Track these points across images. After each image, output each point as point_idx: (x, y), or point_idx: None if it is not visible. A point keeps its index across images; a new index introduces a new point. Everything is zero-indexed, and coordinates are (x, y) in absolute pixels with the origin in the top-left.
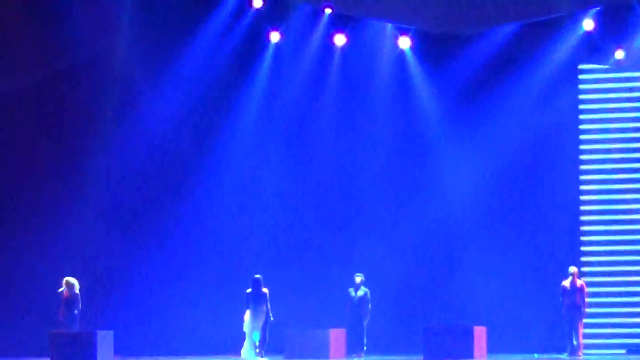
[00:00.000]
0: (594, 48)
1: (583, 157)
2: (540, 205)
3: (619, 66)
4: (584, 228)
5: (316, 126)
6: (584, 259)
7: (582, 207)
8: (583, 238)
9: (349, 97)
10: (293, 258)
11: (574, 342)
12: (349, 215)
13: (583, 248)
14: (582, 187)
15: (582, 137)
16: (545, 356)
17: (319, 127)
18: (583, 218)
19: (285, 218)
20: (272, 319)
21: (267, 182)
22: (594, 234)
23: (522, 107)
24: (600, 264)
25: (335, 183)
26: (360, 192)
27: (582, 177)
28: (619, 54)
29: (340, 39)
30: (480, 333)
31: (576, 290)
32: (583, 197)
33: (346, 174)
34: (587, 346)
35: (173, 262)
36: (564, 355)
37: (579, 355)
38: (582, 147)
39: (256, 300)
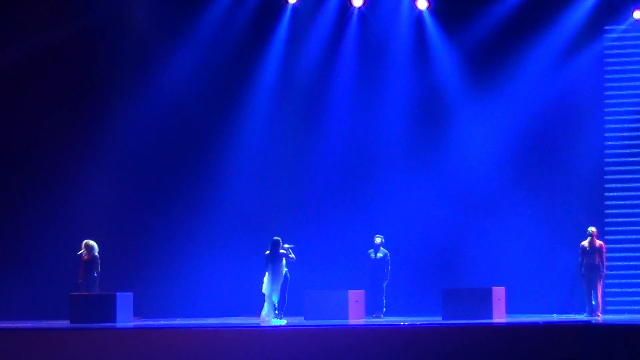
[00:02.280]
0: (613, 8)
1: (608, 117)
2: (561, 165)
3: (636, 26)
4: (608, 186)
5: (333, 88)
6: (607, 219)
7: (606, 168)
8: (607, 199)
9: (366, 58)
10: (312, 220)
11: (593, 302)
12: (367, 177)
13: (607, 210)
14: (607, 145)
15: (607, 93)
16: (564, 316)
17: (337, 88)
18: (607, 177)
19: (303, 180)
20: (292, 256)
21: (284, 144)
22: (618, 191)
23: (543, 66)
24: (623, 224)
25: (354, 145)
26: (378, 153)
27: (607, 134)
28: (637, 14)
29: (358, 0)
30: (498, 294)
31: (595, 250)
32: (607, 159)
33: (364, 136)
34: (607, 305)
35: (192, 224)
36: (583, 316)
37: (598, 316)
38: (607, 109)
39: (274, 261)
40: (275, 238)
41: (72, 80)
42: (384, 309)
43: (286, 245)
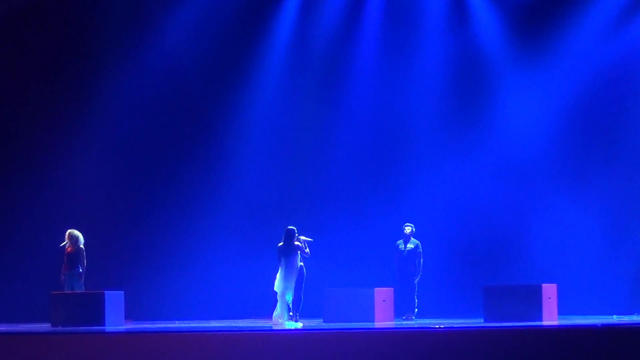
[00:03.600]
0: None
1: None
2: (620, 149)
3: None
4: None
5: (356, 55)
6: None
7: None
8: None
9: (394, 21)
10: (331, 208)
11: None
12: (396, 158)
13: None
14: None
15: None
16: (626, 318)
17: (360, 56)
18: None
19: (321, 162)
20: (307, 251)
21: (299, 121)
22: None
23: (599, 28)
24: None
25: (380, 121)
26: (409, 130)
27: None
28: None
29: None
30: (550, 292)
31: None
32: None
33: (392, 111)
34: None
35: (193, 213)
36: None
37: None
38: None
39: (288, 255)
40: (289, 227)
41: (54, 45)
42: (416, 310)
43: (302, 238)
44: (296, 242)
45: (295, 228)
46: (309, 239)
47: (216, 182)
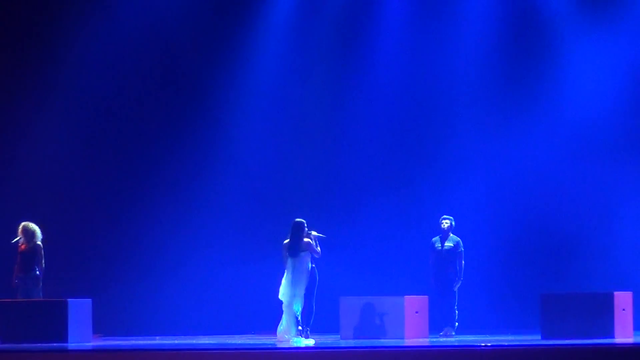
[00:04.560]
0: None
1: None
2: None
3: None
4: None
5: (383, 19)
6: None
7: None
8: None
9: None
10: (348, 199)
11: None
12: (427, 139)
13: None
14: None
15: None
16: None
17: (387, 19)
18: None
19: (337, 146)
20: (318, 250)
21: (307, 99)
22: None
23: None
24: None
25: (409, 95)
26: (445, 106)
27: None
28: None
29: None
30: (624, 301)
31: None
32: None
33: (424, 82)
34: None
35: (178, 206)
36: None
37: None
38: None
39: (296, 254)
40: (297, 220)
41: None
42: (456, 324)
43: (313, 233)
44: (306, 239)
45: (304, 221)
46: (321, 235)
47: (208, 169)
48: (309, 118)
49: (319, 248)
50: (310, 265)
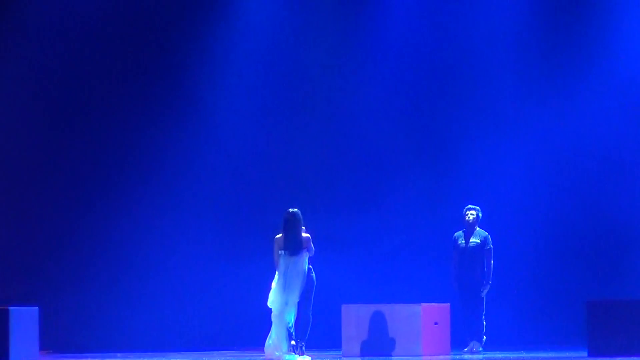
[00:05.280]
0: None
1: None
2: None
3: None
4: None
5: None
6: None
7: None
8: None
9: None
10: (351, 188)
11: None
12: (451, 119)
13: None
14: None
15: None
16: None
17: None
18: None
19: (338, 126)
20: (312, 248)
21: (308, 71)
22: None
23: None
24: None
25: (424, 62)
26: (466, 75)
27: None
28: None
29: None
30: None
31: None
32: None
33: (443, 48)
34: None
35: (144, 196)
36: None
37: None
38: None
39: (291, 252)
40: (291, 211)
41: None
42: (484, 337)
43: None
44: (305, 234)
45: (298, 212)
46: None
47: (184, 153)
48: (307, 94)
49: (312, 246)
50: (306, 265)
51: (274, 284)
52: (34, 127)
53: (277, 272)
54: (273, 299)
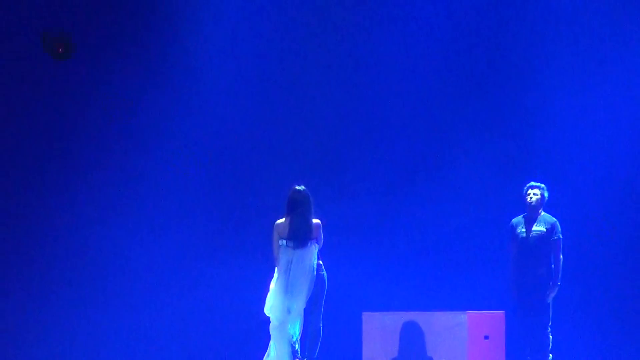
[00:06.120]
0: None
1: None
2: None
3: None
4: None
5: None
6: None
7: None
8: None
9: None
10: (369, 169)
11: None
12: (497, 89)
13: None
14: None
15: None
16: None
17: None
18: None
19: (350, 99)
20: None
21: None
22: None
23: None
24: None
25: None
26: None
27: None
28: None
29: None
30: None
31: None
32: None
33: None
34: None
35: (99, 195)
36: None
37: None
38: None
39: (297, 243)
40: (297, 188)
41: None
42: (550, 356)
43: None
44: (315, 220)
45: (304, 189)
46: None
47: (152, 127)
48: (313, 64)
49: (322, 236)
50: (316, 261)
51: (272, 285)
52: None
53: (276, 270)
54: (272, 305)
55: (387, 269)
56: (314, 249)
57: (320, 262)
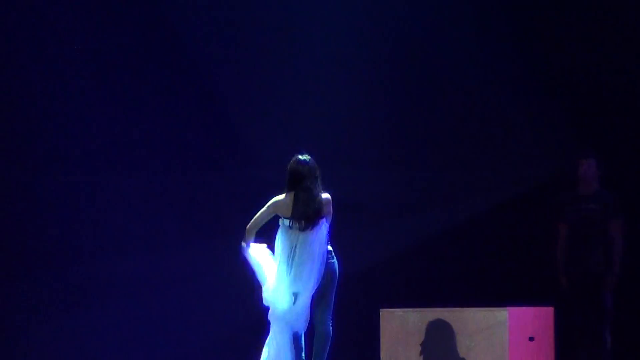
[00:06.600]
0: None
1: None
2: None
3: None
4: None
5: None
6: None
7: None
8: None
9: None
10: (397, 153)
11: None
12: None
13: None
14: None
15: None
16: None
17: None
18: None
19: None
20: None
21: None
22: None
23: None
24: None
25: None
26: None
27: None
28: None
29: None
30: None
31: None
32: None
33: None
34: None
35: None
36: None
37: None
38: None
39: (304, 224)
40: (304, 158)
41: None
42: None
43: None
44: (324, 194)
45: (310, 159)
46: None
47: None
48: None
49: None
50: (325, 246)
51: (265, 267)
52: None
53: (278, 254)
54: (272, 296)
55: (410, 257)
56: (324, 231)
57: (330, 249)
